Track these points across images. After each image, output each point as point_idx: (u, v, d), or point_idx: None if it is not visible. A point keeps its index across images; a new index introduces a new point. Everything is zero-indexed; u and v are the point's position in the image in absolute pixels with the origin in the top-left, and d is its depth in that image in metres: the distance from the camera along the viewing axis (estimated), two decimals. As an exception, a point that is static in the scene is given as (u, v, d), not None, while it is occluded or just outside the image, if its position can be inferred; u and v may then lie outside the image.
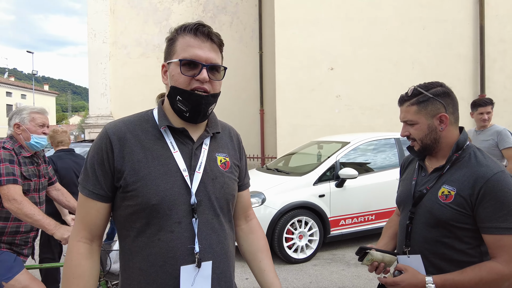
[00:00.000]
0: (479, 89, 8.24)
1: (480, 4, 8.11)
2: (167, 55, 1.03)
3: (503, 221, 1.12)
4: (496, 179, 1.14)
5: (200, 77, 0.97)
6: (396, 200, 1.46)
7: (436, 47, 8.13)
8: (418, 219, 1.28)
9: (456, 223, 1.18)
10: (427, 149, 1.30)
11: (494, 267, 1.12)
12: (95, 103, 10.50)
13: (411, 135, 1.31)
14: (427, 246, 1.25)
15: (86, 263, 0.98)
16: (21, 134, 2.18)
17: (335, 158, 4.53)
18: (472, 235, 1.19)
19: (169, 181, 0.97)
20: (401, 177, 1.52)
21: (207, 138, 1.09)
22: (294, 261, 4.14)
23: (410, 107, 1.29)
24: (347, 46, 7.96)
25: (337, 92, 7.96)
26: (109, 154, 0.97)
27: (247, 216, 1.26)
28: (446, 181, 1.23)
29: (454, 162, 1.26)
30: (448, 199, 1.20)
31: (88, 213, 1.00)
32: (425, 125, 1.26)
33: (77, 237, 1.00)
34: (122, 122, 1.03)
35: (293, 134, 7.81)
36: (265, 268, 1.17)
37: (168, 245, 0.95)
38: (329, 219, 4.33)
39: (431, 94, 1.26)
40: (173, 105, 1.03)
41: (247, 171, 1.27)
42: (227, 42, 5.79)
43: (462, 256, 1.20)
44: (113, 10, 10.45)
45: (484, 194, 1.14)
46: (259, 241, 1.22)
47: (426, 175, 1.33)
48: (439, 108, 1.26)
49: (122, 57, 10.45)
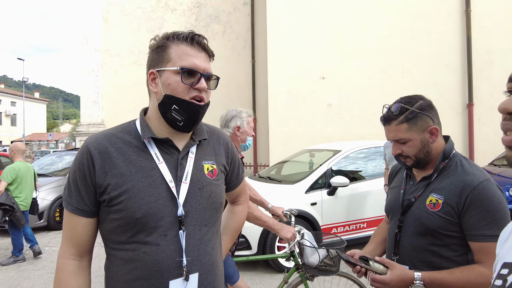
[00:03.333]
0: (467, 98, 8.43)
1: (466, 16, 8.34)
2: (156, 62, 1.00)
3: (488, 229, 1.14)
4: (482, 188, 1.16)
5: (200, 86, 0.97)
6: (385, 209, 1.47)
7: (425, 57, 8.31)
8: (407, 228, 1.29)
9: (444, 231, 1.20)
10: (421, 163, 1.30)
11: (482, 271, 1.14)
12: (87, 111, 10.44)
13: (403, 153, 1.29)
14: (415, 254, 1.26)
15: (75, 281, 0.97)
16: (240, 136, 2.27)
17: (326, 166, 4.57)
18: (459, 243, 1.21)
19: (154, 193, 0.95)
20: (390, 185, 1.52)
21: (193, 146, 1.07)
22: (286, 270, 4.13)
23: (400, 125, 1.27)
24: (338, 56, 8.09)
25: (328, 101, 8.06)
26: (90, 169, 0.95)
27: (235, 201, 1.29)
28: (433, 190, 1.25)
29: (441, 170, 1.27)
30: (436, 207, 1.21)
31: (74, 229, 0.98)
32: (418, 140, 1.26)
33: (65, 254, 0.98)
34: (103, 135, 1.00)
35: (285, 142, 7.86)
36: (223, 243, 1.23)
37: (154, 258, 0.94)
38: (321, 227, 4.35)
39: (417, 109, 1.26)
40: (166, 114, 0.99)
41: (241, 169, 1.25)
42: (220, 51, 5.98)
43: (449, 263, 1.21)
44: (106, 18, 10.46)
45: (470, 202, 1.15)
46: (231, 221, 1.28)
47: (414, 183, 1.34)
48: (428, 121, 1.27)
49: (114, 65, 10.44)
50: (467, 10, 8.32)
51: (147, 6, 10.51)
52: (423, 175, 1.32)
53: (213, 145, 1.14)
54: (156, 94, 1.01)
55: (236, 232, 1.27)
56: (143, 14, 10.51)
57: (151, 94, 1.04)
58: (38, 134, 40.23)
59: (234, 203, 1.29)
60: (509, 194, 5.43)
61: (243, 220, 1.30)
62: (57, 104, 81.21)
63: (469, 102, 8.40)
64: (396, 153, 1.31)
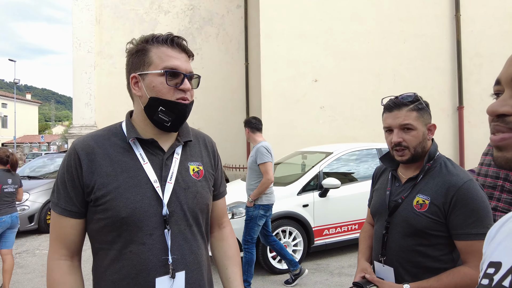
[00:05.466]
0: (458, 100, 8.54)
1: (456, 20, 8.47)
2: (137, 66, 1.00)
3: (473, 228, 1.16)
4: (466, 188, 1.19)
5: (185, 87, 0.99)
6: (371, 210, 1.47)
7: (416, 60, 8.41)
8: (394, 229, 1.30)
9: (431, 231, 1.22)
10: (416, 158, 1.29)
11: (467, 272, 1.16)
12: (79, 113, 10.36)
13: (404, 142, 1.27)
14: (402, 255, 1.27)
15: (70, 279, 0.97)
16: None
17: (318, 168, 4.60)
18: (445, 242, 1.23)
19: (139, 193, 0.97)
20: (374, 187, 1.52)
21: (179, 147, 1.08)
22: (278, 271, 4.15)
23: (411, 112, 1.25)
24: (331, 59, 8.15)
25: (321, 103, 8.11)
26: (78, 170, 0.97)
27: (220, 224, 1.25)
28: (420, 191, 1.26)
29: (426, 171, 1.29)
30: (423, 208, 1.23)
31: (63, 231, 0.99)
32: (421, 132, 1.26)
33: (55, 255, 0.99)
34: (90, 137, 1.02)
35: (278, 144, 7.87)
36: (230, 276, 1.17)
37: (140, 257, 0.95)
38: (313, 229, 4.37)
39: (424, 103, 1.28)
40: (153, 116, 1.00)
41: (223, 179, 1.26)
42: (213, 53, 6.01)
43: (436, 263, 1.23)
44: (99, 20, 10.42)
45: (456, 202, 1.18)
46: (228, 248, 1.22)
47: (400, 185, 1.34)
48: (429, 118, 1.30)
49: (107, 67, 10.39)
50: (456, 14, 8.45)
51: (140, 8, 10.49)
52: (408, 176, 1.33)
53: (199, 148, 1.16)
54: (140, 98, 1.02)
55: (238, 257, 1.23)
56: (136, 16, 10.48)
57: (135, 98, 1.05)
58: (30, 136, 39.75)
59: (220, 227, 1.25)
60: (498, 195, 5.50)
61: (236, 242, 1.27)
62: (49, 106, 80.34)
63: (459, 105, 8.52)
64: (397, 141, 1.27)
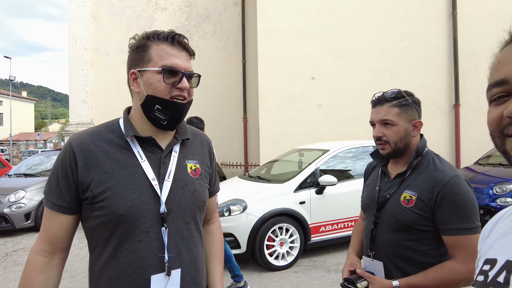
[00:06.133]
0: (454, 98, 8.58)
1: (453, 19, 8.49)
2: (137, 62, 1.00)
3: (459, 223, 1.18)
4: (452, 183, 1.21)
5: (182, 86, 0.98)
6: (362, 205, 1.50)
7: (413, 59, 8.43)
8: (382, 224, 1.32)
9: (418, 226, 1.24)
10: (397, 153, 1.32)
11: (454, 267, 1.18)
12: (76, 110, 10.32)
13: (384, 137, 1.30)
14: (391, 250, 1.29)
15: (38, 278, 0.96)
16: None
17: (315, 165, 4.62)
18: (432, 237, 1.25)
19: (136, 190, 0.97)
20: (365, 183, 1.55)
21: (177, 145, 1.08)
22: (275, 268, 4.17)
23: (392, 108, 1.29)
24: (328, 57, 8.15)
25: (318, 101, 8.12)
26: (73, 166, 0.96)
27: (209, 219, 1.27)
28: (407, 186, 1.28)
29: (414, 167, 1.31)
30: (410, 203, 1.25)
31: (51, 225, 0.98)
32: (403, 128, 1.29)
33: (36, 250, 0.98)
34: (87, 134, 1.01)
35: (275, 142, 7.89)
36: (210, 270, 1.20)
37: (136, 255, 0.95)
38: (309, 226, 4.39)
39: (411, 100, 1.31)
40: (149, 114, 1.00)
41: (217, 177, 1.27)
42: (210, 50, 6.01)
43: (424, 257, 1.25)
44: (95, 17, 10.36)
45: (442, 198, 1.20)
46: (213, 244, 1.24)
47: (389, 180, 1.37)
48: (415, 114, 1.31)
49: (104, 64, 10.34)
50: (453, 12, 8.47)
51: (137, 5, 10.43)
52: (397, 172, 1.35)
53: (196, 146, 1.16)
54: (138, 94, 1.02)
55: (221, 253, 1.26)
56: (133, 13, 10.43)
57: (133, 94, 1.05)
58: (26, 134, 39.52)
59: (209, 222, 1.27)
60: (493, 193, 5.55)
61: (222, 238, 1.30)
62: (45, 103, 79.89)
63: (455, 103, 8.56)
64: (377, 135, 1.32)
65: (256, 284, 3.83)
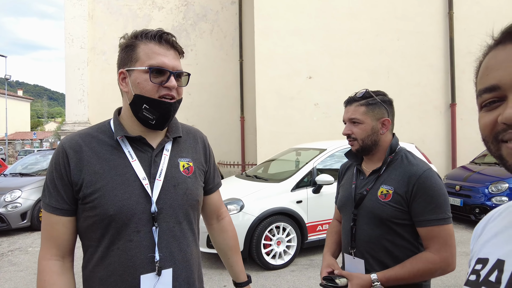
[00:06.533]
0: (450, 98, 8.63)
1: (449, 18, 8.53)
2: (125, 61, 1.00)
3: (432, 214, 1.23)
4: (425, 176, 1.26)
5: (170, 85, 0.97)
6: (338, 205, 1.53)
7: (410, 58, 8.46)
8: (361, 220, 1.36)
9: (396, 219, 1.28)
10: (366, 150, 1.37)
11: (428, 257, 1.23)
12: (72, 110, 10.28)
13: (353, 134, 1.37)
14: (372, 245, 1.32)
15: (61, 279, 0.96)
16: None
17: (312, 164, 4.62)
18: (410, 230, 1.29)
19: (127, 190, 0.96)
20: (340, 183, 1.59)
21: (168, 144, 1.08)
22: (272, 267, 4.17)
23: (359, 107, 1.35)
24: (325, 56, 8.16)
25: (315, 101, 8.13)
26: (66, 167, 0.96)
27: (219, 215, 1.29)
28: (384, 182, 1.33)
29: (389, 163, 1.36)
30: (387, 197, 1.29)
31: (54, 229, 0.98)
32: (370, 126, 1.34)
33: (46, 255, 0.97)
34: (78, 135, 1.02)
35: (273, 141, 7.90)
36: (232, 264, 1.28)
37: (127, 254, 0.95)
38: (306, 225, 4.40)
39: (379, 99, 1.36)
40: (137, 114, 1.00)
41: (216, 172, 1.27)
42: (207, 49, 5.99)
43: (403, 250, 1.29)
44: (92, 16, 10.32)
45: (417, 190, 1.25)
46: (229, 240, 1.29)
47: (365, 178, 1.41)
48: (384, 113, 1.36)
49: (100, 63, 10.30)
50: (450, 12, 8.51)
51: (133, 4, 10.40)
52: (372, 169, 1.40)
53: (190, 143, 1.15)
54: (127, 94, 1.01)
55: (238, 246, 1.32)
56: (130, 12, 10.39)
57: (123, 94, 1.04)
58: (22, 133, 39.30)
59: (219, 218, 1.29)
60: (488, 192, 5.59)
61: (235, 232, 1.33)
62: (41, 103, 79.45)
63: (452, 102, 8.60)
64: (346, 133, 1.39)
65: (253, 283, 3.83)
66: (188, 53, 10.08)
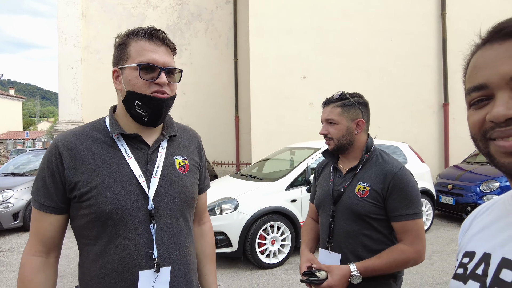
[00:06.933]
0: (443, 97, 8.71)
1: (442, 19, 8.61)
2: (118, 60, 1.01)
3: (407, 209, 1.31)
4: (400, 174, 1.34)
5: (160, 81, 0.98)
6: (316, 202, 1.57)
7: (403, 58, 8.52)
8: (340, 216, 1.41)
9: (372, 214, 1.35)
10: (341, 149, 1.44)
11: (403, 248, 1.31)
12: (65, 109, 10.18)
13: (329, 134, 1.43)
14: (350, 240, 1.38)
15: (39, 277, 0.96)
16: None
17: (306, 163, 4.65)
18: (386, 225, 1.37)
19: (123, 188, 0.97)
20: (317, 181, 1.63)
21: (164, 142, 1.08)
22: (267, 266, 4.19)
23: (335, 108, 1.42)
24: (319, 56, 8.19)
25: (309, 100, 8.16)
26: (59, 166, 0.96)
27: (200, 219, 1.28)
28: (361, 179, 1.40)
29: (365, 162, 1.43)
30: (364, 194, 1.36)
31: (41, 226, 0.98)
32: (345, 126, 1.41)
33: (30, 251, 0.98)
34: (72, 133, 1.02)
35: (267, 141, 7.91)
36: (206, 272, 1.25)
37: (126, 252, 0.95)
38: (300, 224, 4.42)
39: (354, 101, 1.43)
40: (130, 110, 1.00)
41: (207, 173, 1.28)
42: (202, 49, 5.99)
43: (379, 244, 1.36)
44: (85, 14, 10.23)
45: (393, 187, 1.33)
46: (206, 247, 1.27)
47: (342, 176, 1.47)
48: (358, 114, 1.42)
49: (94, 62, 10.22)
50: (442, 13, 8.59)
51: (128, 2, 10.33)
52: (348, 167, 1.46)
53: (185, 142, 1.16)
54: (120, 91, 1.03)
55: (214, 254, 1.30)
56: (124, 11, 10.32)
57: (117, 92, 1.05)
58: (14, 133, 38.83)
59: (200, 222, 1.28)
60: (480, 190, 5.66)
61: (214, 239, 1.32)
62: (34, 102, 78.59)
63: (444, 102, 8.68)
64: (323, 133, 1.46)
65: (247, 282, 3.85)
66: (182, 52, 10.04)
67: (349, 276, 1.28)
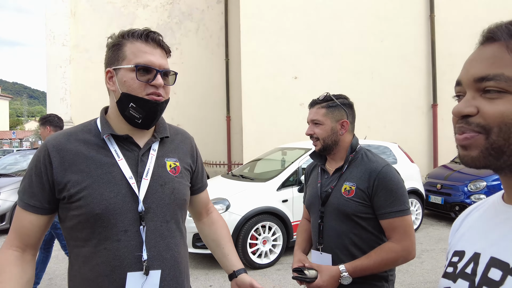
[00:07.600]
0: (432, 98, 8.84)
1: (431, 21, 8.74)
2: (112, 60, 1.00)
3: (393, 206, 1.32)
4: (384, 171, 1.35)
5: (156, 83, 0.97)
6: (306, 204, 1.60)
7: (393, 59, 8.62)
8: (329, 216, 1.43)
9: (360, 214, 1.36)
10: (327, 149, 1.46)
11: (391, 246, 1.31)
12: (54, 108, 10.01)
13: (315, 134, 1.46)
14: (340, 240, 1.39)
15: (12, 269, 0.94)
16: None
17: (297, 164, 4.66)
18: (374, 224, 1.37)
19: (113, 189, 0.96)
20: (307, 183, 1.65)
21: (155, 143, 1.07)
22: (258, 266, 4.19)
23: (320, 109, 1.45)
24: (310, 56, 8.23)
25: (300, 100, 8.18)
26: (47, 166, 0.96)
27: (207, 210, 1.31)
28: (346, 179, 1.41)
29: (350, 162, 1.44)
30: (350, 193, 1.37)
31: (21, 224, 0.98)
32: (329, 127, 1.43)
33: (7, 245, 0.98)
34: (63, 134, 1.01)
35: (259, 141, 7.92)
36: (228, 253, 1.24)
37: (115, 254, 0.95)
38: (292, 224, 4.43)
39: (339, 102, 1.46)
40: (124, 112, 1.00)
41: (204, 172, 1.28)
42: (193, 48, 5.95)
43: (369, 243, 1.37)
44: (74, 13, 10.09)
45: (378, 185, 1.33)
46: (221, 230, 1.29)
47: (329, 177, 1.49)
48: (343, 115, 1.45)
49: (83, 61, 10.08)
50: (431, 15, 8.72)
51: (118, 1, 10.22)
52: (335, 167, 1.47)
53: (177, 144, 1.15)
54: (114, 92, 1.02)
55: (229, 234, 1.31)
56: (114, 9, 10.21)
57: (110, 93, 1.04)
58: (0, 132, 38.08)
59: (208, 213, 1.31)
60: (468, 190, 5.76)
61: (225, 222, 1.34)
62: (21, 101, 77.19)
63: (433, 103, 8.82)
64: (309, 133, 1.48)
65: (239, 282, 3.84)
66: (173, 52, 9.85)
67: (339, 277, 1.29)
